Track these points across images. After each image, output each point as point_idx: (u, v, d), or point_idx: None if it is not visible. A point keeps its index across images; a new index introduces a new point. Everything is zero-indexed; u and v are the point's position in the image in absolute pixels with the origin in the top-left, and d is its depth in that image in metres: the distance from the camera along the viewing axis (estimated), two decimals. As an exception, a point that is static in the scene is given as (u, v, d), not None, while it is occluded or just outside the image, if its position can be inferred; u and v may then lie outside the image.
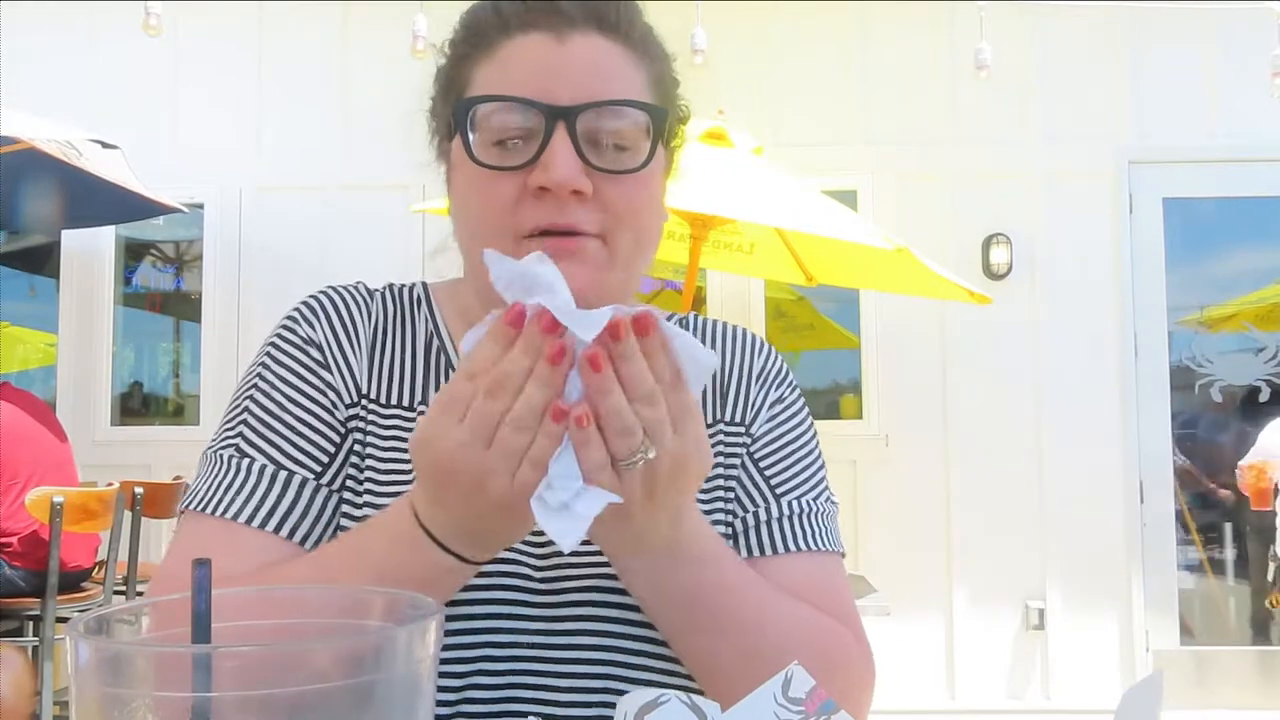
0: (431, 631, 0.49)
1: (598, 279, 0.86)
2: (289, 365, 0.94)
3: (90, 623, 0.49)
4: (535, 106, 0.83)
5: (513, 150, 0.85)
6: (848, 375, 5.13)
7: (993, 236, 4.93)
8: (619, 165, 0.85)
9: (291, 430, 0.92)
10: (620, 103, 0.85)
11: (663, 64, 0.93)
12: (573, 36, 0.86)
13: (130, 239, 5.27)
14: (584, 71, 0.85)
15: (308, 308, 0.97)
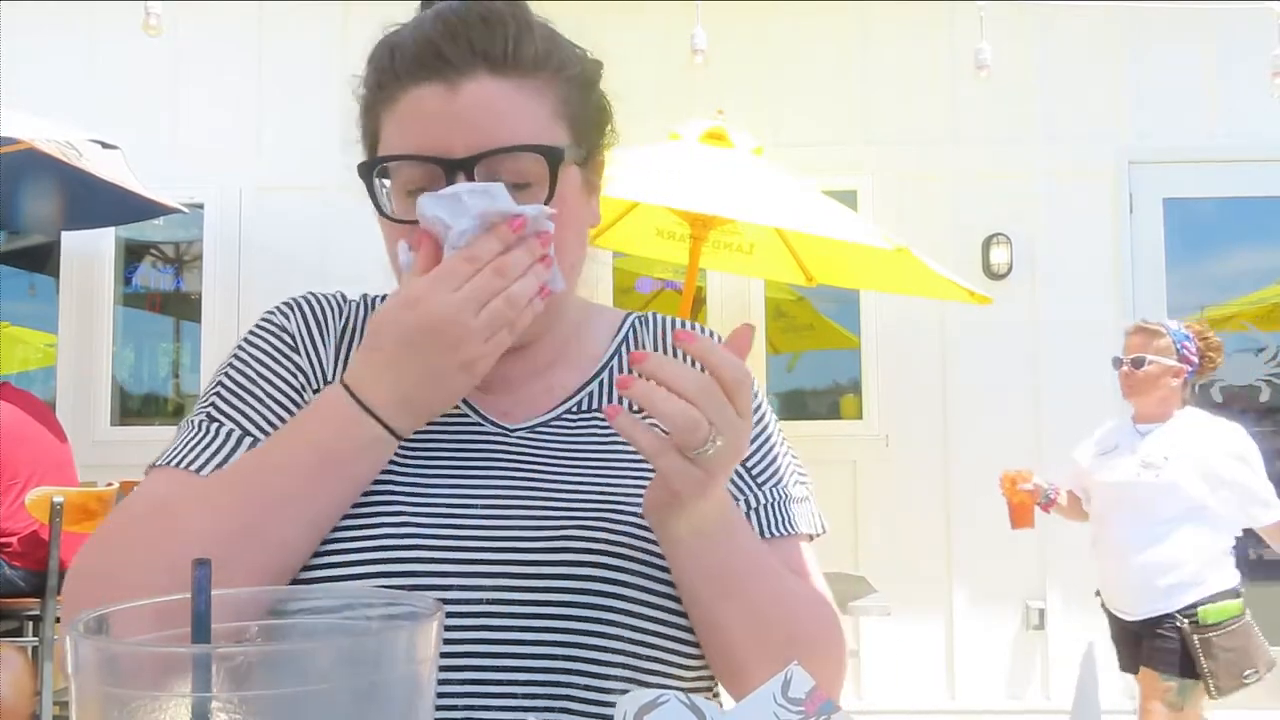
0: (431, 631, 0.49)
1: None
2: (263, 347, 1.01)
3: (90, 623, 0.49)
4: (432, 161, 0.87)
5: None
6: (848, 375, 5.13)
7: (993, 236, 4.93)
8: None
9: (260, 402, 0.97)
10: (511, 149, 0.87)
11: (569, 73, 0.94)
12: (462, 85, 0.88)
13: (130, 239, 5.27)
14: (476, 119, 0.88)
15: (285, 305, 1.04)
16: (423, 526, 0.89)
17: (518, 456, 0.96)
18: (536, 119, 0.90)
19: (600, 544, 0.89)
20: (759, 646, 0.88)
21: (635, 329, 1.07)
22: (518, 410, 0.99)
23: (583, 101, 0.95)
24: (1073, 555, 4.83)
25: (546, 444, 0.97)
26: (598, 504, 0.92)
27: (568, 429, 0.99)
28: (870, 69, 5.07)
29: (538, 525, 0.90)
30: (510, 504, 0.91)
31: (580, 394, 1.01)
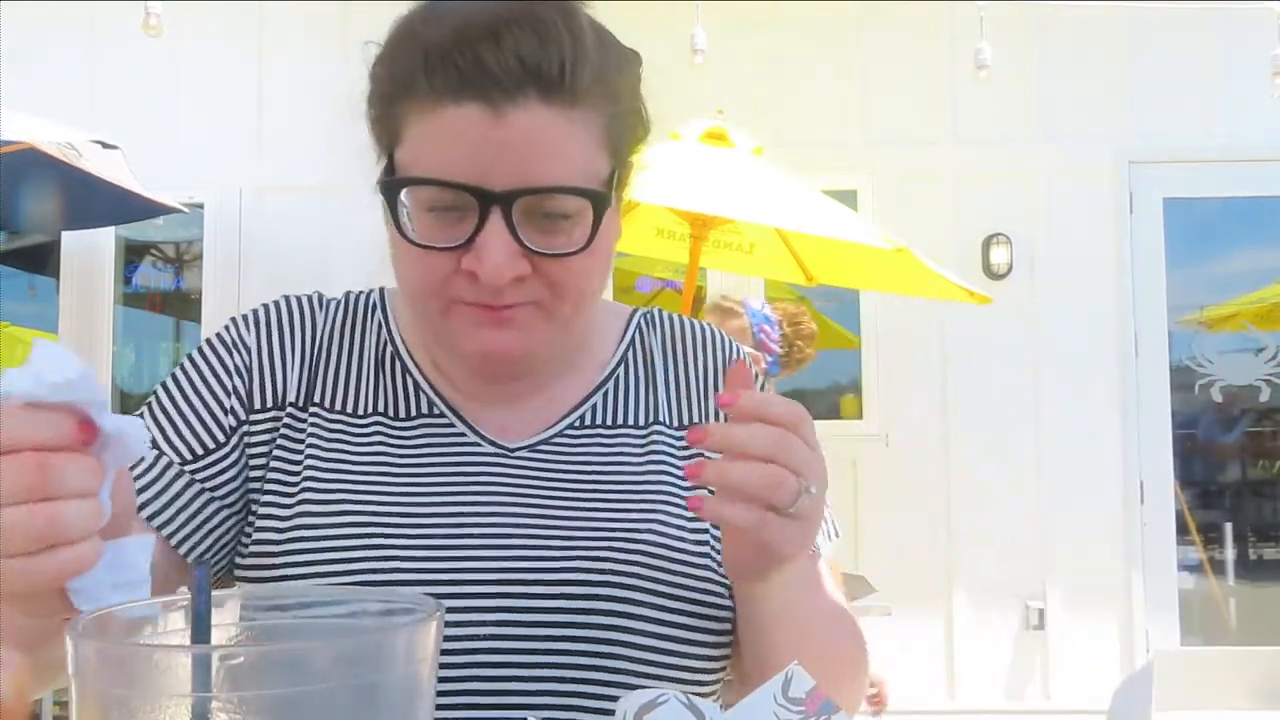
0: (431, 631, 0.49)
1: (530, 340, 0.86)
2: (206, 359, 0.96)
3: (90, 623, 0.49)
4: (468, 191, 0.79)
5: (448, 223, 0.81)
6: (848, 375, 5.13)
7: (993, 236, 4.93)
8: (560, 245, 0.81)
9: (180, 416, 0.92)
10: (558, 190, 0.80)
11: (620, 93, 0.85)
12: (510, 112, 0.78)
13: (130, 239, 5.27)
14: (521, 152, 0.79)
15: (251, 313, 0.98)
16: (410, 562, 0.83)
17: (518, 480, 0.90)
18: (583, 151, 0.81)
19: (607, 575, 0.85)
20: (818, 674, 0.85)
21: (641, 332, 1.01)
22: (518, 425, 0.93)
23: (627, 123, 0.87)
24: (1073, 555, 4.84)
25: (548, 464, 0.91)
26: (604, 531, 0.87)
27: (570, 446, 0.92)
28: (870, 69, 5.07)
29: (539, 557, 0.85)
30: (509, 534, 0.86)
31: (584, 407, 0.95)
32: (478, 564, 0.84)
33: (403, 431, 0.92)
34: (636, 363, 0.98)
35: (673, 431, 0.95)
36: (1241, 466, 5.42)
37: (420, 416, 0.93)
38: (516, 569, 0.84)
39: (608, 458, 0.92)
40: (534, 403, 0.94)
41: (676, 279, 5.10)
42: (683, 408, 0.97)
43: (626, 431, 0.94)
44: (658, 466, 0.92)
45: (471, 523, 0.86)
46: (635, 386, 0.97)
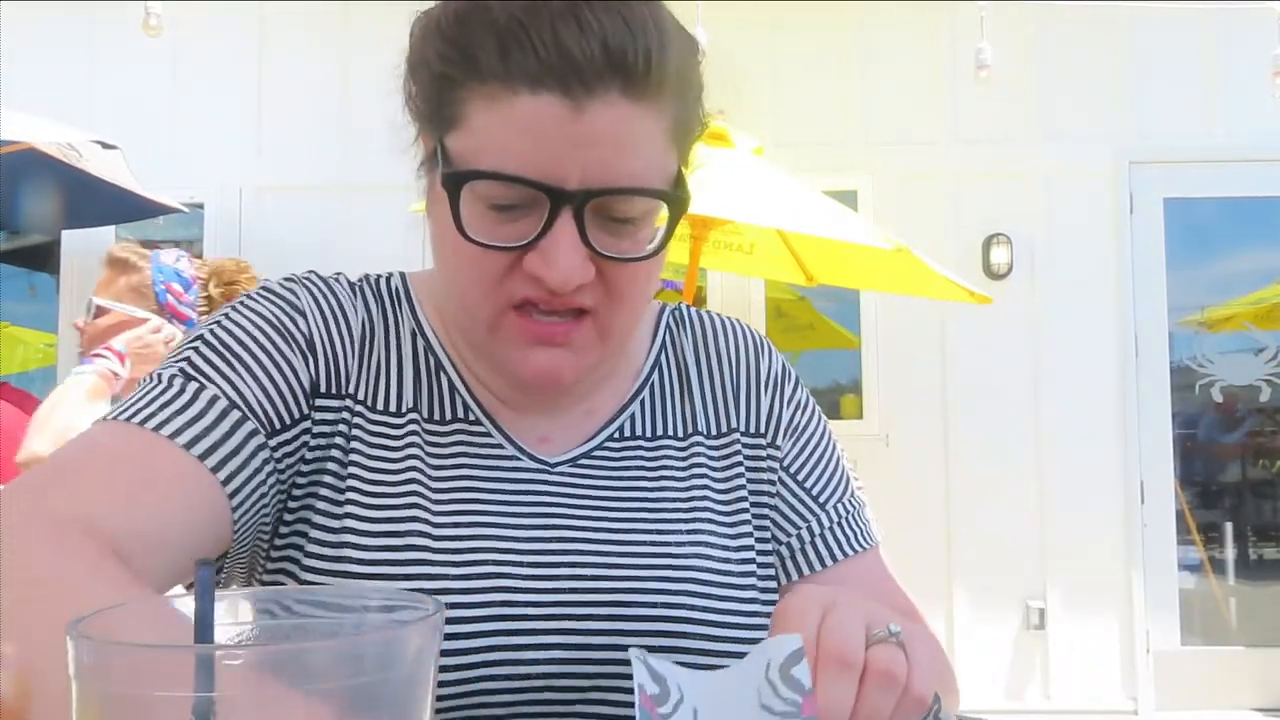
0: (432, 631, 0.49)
1: (584, 364, 0.81)
2: (264, 312, 0.83)
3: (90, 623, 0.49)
4: (539, 188, 0.73)
5: (509, 219, 0.75)
6: (848, 375, 5.13)
7: (993, 236, 4.94)
8: (628, 249, 0.77)
9: (249, 371, 0.79)
10: (635, 191, 0.75)
11: (691, 90, 0.80)
12: (590, 105, 0.71)
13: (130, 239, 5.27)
14: (598, 148, 0.73)
15: (295, 283, 0.88)
16: (464, 594, 0.78)
17: (561, 499, 0.85)
18: (658, 148, 0.76)
19: (659, 608, 0.81)
20: None
21: (672, 332, 0.96)
22: (557, 437, 0.88)
23: (693, 118, 0.83)
24: (1073, 555, 4.84)
25: (590, 481, 0.86)
26: (653, 560, 0.82)
27: (611, 461, 0.88)
28: (870, 69, 5.07)
29: (589, 588, 0.80)
30: (558, 562, 0.81)
31: (621, 417, 0.90)
32: (528, 597, 0.79)
33: (438, 438, 0.85)
34: (670, 367, 0.94)
35: (710, 442, 0.91)
36: (1242, 466, 5.42)
37: (456, 421, 0.86)
38: (568, 603, 0.80)
39: (650, 475, 0.88)
40: (573, 413, 0.89)
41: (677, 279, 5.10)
42: (719, 414, 0.93)
43: (668, 444, 0.90)
44: (700, 482, 0.89)
45: (520, 546, 0.81)
46: (672, 394, 0.93)
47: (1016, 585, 4.85)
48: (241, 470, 0.76)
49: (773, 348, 0.99)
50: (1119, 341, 4.93)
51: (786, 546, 0.91)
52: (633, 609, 0.80)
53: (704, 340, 0.96)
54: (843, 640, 0.62)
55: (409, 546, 0.80)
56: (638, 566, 0.82)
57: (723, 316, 0.98)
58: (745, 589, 0.86)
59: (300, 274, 0.91)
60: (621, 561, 0.82)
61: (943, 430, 4.92)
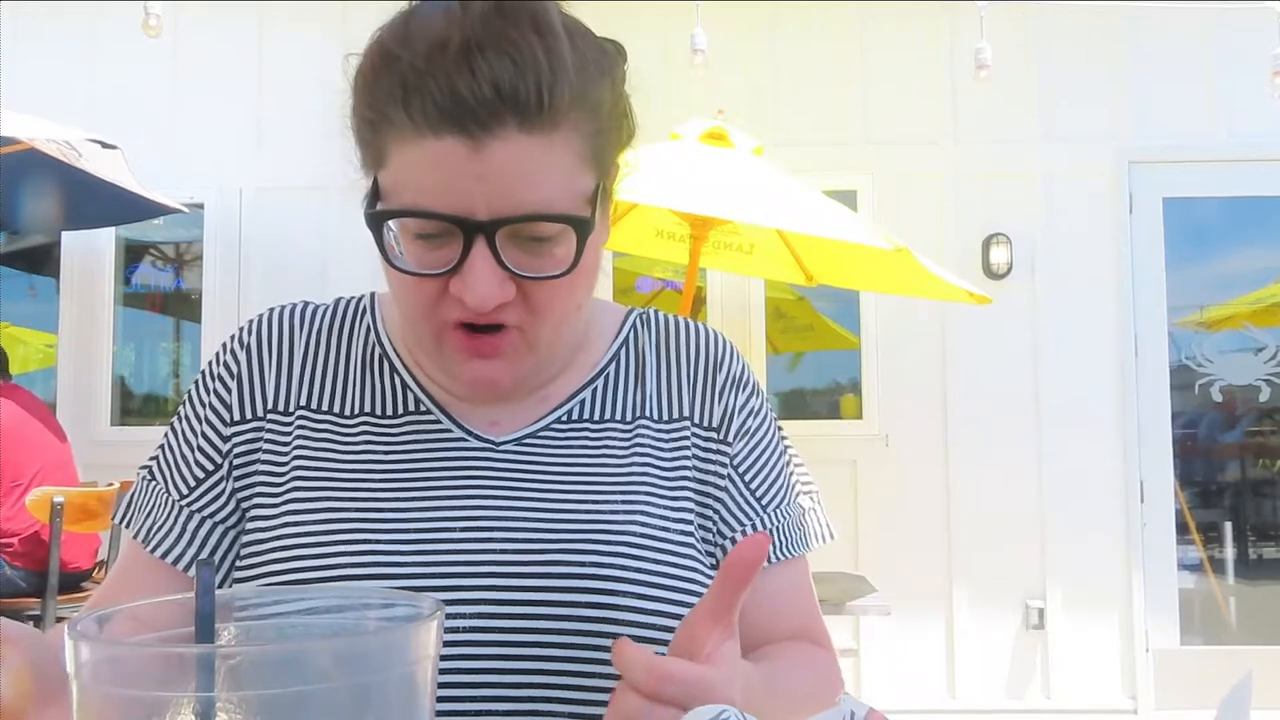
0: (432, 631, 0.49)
1: (515, 369, 0.88)
2: (195, 392, 0.98)
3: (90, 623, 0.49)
4: (452, 221, 0.79)
5: (434, 247, 0.82)
6: (848, 375, 5.13)
7: (993, 236, 4.94)
8: (544, 268, 0.82)
9: (175, 453, 0.96)
10: (540, 217, 0.80)
11: (601, 106, 0.83)
12: (488, 143, 0.77)
13: (130, 239, 5.27)
14: (501, 180, 0.78)
15: (239, 331, 1.00)
16: (389, 554, 0.85)
17: (502, 472, 0.91)
18: (564, 173, 0.81)
19: (590, 567, 0.85)
20: None
21: (636, 331, 1.02)
22: (507, 420, 0.95)
23: (611, 134, 0.86)
24: (1073, 555, 4.84)
25: (533, 457, 0.92)
26: (587, 524, 0.88)
27: (556, 439, 0.94)
28: (870, 69, 5.07)
29: (521, 550, 0.86)
30: (491, 526, 0.87)
31: (572, 401, 0.96)
32: (459, 557, 0.85)
33: (390, 430, 0.94)
34: (628, 360, 0.99)
35: (658, 426, 0.96)
36: (1241, 466, 5.42)
37: (408, 414, 0.95)
38: (498, 562, 0.85)
39: (592, 452, 0.93)
40: (525, 400, 0.95)
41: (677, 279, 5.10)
42: (670, 401, 0.98)
43: (613, 426, 0.95)
44: (642, 459, 0.93)
45: (453, 516, 0.88)
46: (625, 383, 0.98)
47: (1016, 585, 4.85)
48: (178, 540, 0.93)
49: (736, 352, 1.03)
50: (1119, 341, 4.93)
51: (731, 542, 0.94)
52: (565, 568, 0.85)
53: (665, 338, 1.01)
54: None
55: (342, 518, 0.87)
56: (572, 530, 0.87)
57: (691, 321, 1.04)
58: (684, 555, 0.89)
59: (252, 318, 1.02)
60: (556, 526, 0.87)
61: (943, 430, 4.92)
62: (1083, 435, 4.88)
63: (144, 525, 0.95)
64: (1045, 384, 4.91)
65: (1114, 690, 4.77)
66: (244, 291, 5.01)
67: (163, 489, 0.95)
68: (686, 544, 0.91)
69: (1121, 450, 4.88)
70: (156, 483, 0.96)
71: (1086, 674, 4.79)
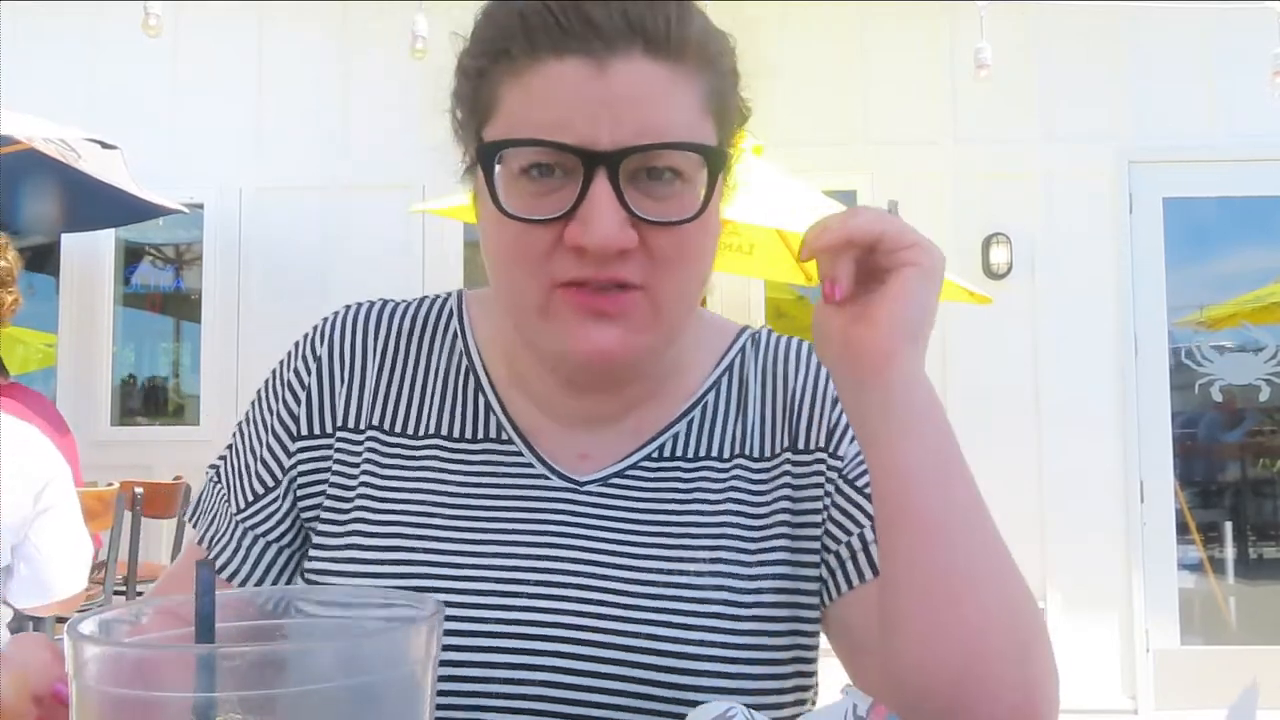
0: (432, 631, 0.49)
1: (636, 341, 0.78)
2: (263, 398, 0.92)
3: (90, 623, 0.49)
4: (571, 151, 0.72)
5: (546, 191, 0.74)
6: (848, 375, 5.12)
7: (993, 236, 4.94)
8: (670, 213, 0.74)
9: (242, 461, 0.91)
10: (670, 146, 0.73)
11: (721, 64, 0.81)
12: (612, 63, 0.72)
13: (130, 239, 5.27)
14: (626, 105, 0.72)
15: (317, 332, 0.92)
16: (461, 609, 0.79)
17: (583, 519, 0.83)
18: (691, 109, 0.76)
19: (668, 643, 0.78)
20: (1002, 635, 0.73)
21: (744, 354, 0.92)
22: (596, 453, 0.86)
23: (729, 99, 0.83)
24: (1073, 555, 4.84)
25: (619, 501, 0.84)
26: (672, 589, 0.80)
27: (646, 480, 0.85)
28: (870, 69, 5.07)
29: (597, 614, 0.79)
30: (568, 584, 0.80)
31: (664, 436, 0.87)
32: (533, 615, 0.79)
33: (463, 456, 0.86)
34: (730, 388, 0.90)
35: (755, 466, 0.87)
36: (1241, 466, 5.43)
37: (485, 440, 0.87)
38: (572, 625, 0.79)
39: (684, 497, 0.85)
40: (616, 428, 0.87)
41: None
42: (771, 436, 0.88)
43: (708, 466, 0.86)
44: (736, 507, 0.85)
45: (528, 568, 0.81)
46: (725, 414, 0.89)
47: (1016, 585, 4.85)
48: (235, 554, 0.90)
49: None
50: (1118, 340, 4.93)
51: (835, 556, 0.85)
52: (641, 639, 0.79)
53: (773, 363, 0.91)
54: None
55: (412, 561, 0.81)
56: (654, 595, 0.80)
57: (801, 340, 0.94)
58: (767, 623, 0.82)
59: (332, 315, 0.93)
60: (637, 590, 0.80)
61: (943, 430, 4.91)
62: (1083, 435, 4.88)
63: (207, 533, 0.91)
64: (1045, 384, 4.91)
65: (1114, 690, 4.78)
66: (244, 292, 5.01)
67: (226, 497, 0.91)
68: (773, 610, 0.83)
69: (1121, 450, 4.88)
70: (221, 487, 0.92)
71: (1087, 674, 4.78)
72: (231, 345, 4.96)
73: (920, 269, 0.73)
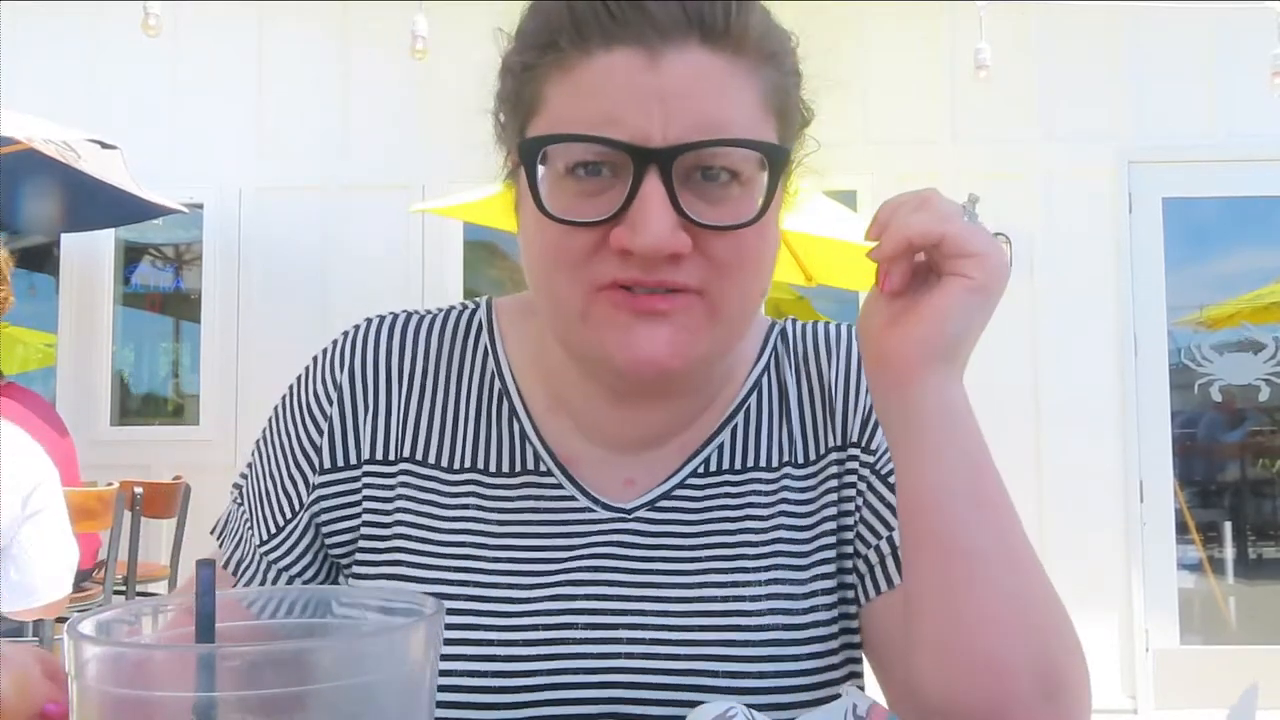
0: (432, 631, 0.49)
1: (691, 342, 0.72)
2: (289, 417, 0.86)
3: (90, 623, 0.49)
4: (621, 148, 0.67)
5: (593, 191, 0.69)
6: (847, 375, 5.12)
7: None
8: (725, 217, 0.69)
9: (264, 485, 0.87)
10: (728, 143, 0.68)
11: (784, 61, 0.77)
12: (667, 54, 0.67)
13: (130, 239, 5.27)
14: (682, 99, 0.67)
15: (335, 349, 0.86)
16: (508, 657, 0.75)
17: (631, 548, 0.79)
18: (750, 107, 0.71)
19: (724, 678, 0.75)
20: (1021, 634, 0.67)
21: (778, 352, 0.87)
22: (641, 477, 0.81)
23: (790, 96, 0.79)
24: (1073, 555, 4.83)
25: (668, 526, 0.80)
26: (726, 618, 0.76)
27: (695, 498, 0.81)
28: (870, 69, 5.06)
29: (651, 649, 0.75)
30: (618, 620, 0.76)
31: (709, 448, 0.82)
32: (583, 653, 0.76)
33: (502, 491, 0.81)
34: (771, 390, 0.85)
35: (802, 472, 0.83)
36: (1241, 465, 5.42)
37: (524, 474, 0.82)
38: (625, 666, 0.75)
39: (734, 515, 0.80)
40: (662, 450, 0.82)
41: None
42: (816, 437, 0.84)
43: (757, 477, 0.82)
44: (787, 519, 0.81)
45: (576, 609, 0.77)
46: (769, 419, 0.84)
47: (1016, 585, 4.85)
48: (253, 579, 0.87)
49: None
50: (1118, 341, 4.93)
51: (865, 561, 0.81)
52: (696, 677, 0.75)
53: (804, 355, 0.87)
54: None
55: (456, 610, 0.77)
56: (708, 625, 0.76)
57: (831, 328, 0.89)
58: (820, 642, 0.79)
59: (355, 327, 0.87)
60: (691, 621, 0.76)
61: (942, 430, 4.91)
62: (1082, 435, 4.88)
63: (233, 557, 0.88)
64: (1045, 384, 4.91)
65: (1114, 690, 4.77)
66: (244, 292, 5.01)
67: (249, 522, 0.87)
68: (826, 629, 0.79)
69: (1121, 450, 4.88)
70: (244, 510, 0.88)
71: (1086, 674, 4.78)
72: (231, 345, 4.96)
73: (971, 284, 0.70)
